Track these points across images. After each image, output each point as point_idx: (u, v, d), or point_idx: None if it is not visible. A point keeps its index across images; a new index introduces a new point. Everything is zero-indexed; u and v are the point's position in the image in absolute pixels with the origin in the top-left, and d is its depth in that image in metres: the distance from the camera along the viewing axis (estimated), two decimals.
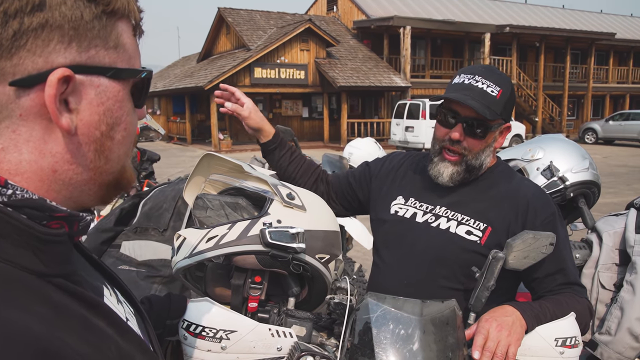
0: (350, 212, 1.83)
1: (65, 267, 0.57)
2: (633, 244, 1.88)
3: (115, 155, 0.62)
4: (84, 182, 0.60)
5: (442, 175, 1.52)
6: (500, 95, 1.45)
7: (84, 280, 0.61)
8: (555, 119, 27.28)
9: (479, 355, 1.22)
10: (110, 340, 0.57)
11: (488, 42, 23.68)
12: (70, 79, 0.54)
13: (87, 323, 0.55)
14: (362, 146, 4.47)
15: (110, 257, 1.96)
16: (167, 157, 14.89)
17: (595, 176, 2.15)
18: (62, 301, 0.54)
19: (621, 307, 1.85)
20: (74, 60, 0.55)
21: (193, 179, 1.41)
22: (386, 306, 1.19)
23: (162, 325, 1.14)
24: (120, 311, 0.66)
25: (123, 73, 0.60)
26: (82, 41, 0.56)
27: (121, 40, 0.60)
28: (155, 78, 31.37)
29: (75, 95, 0.56)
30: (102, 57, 0.58)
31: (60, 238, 0.56)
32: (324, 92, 22.81)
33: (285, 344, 1.16)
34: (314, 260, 1.22)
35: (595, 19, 35.01)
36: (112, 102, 0.60)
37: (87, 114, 0.58)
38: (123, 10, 0.59)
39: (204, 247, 1.17)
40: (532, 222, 1.48)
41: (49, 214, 0.56)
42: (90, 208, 0.65)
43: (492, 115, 1.44)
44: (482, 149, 1.50)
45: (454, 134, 1.47)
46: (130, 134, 0.64)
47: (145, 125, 3.85)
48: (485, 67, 1.53)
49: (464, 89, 1.46)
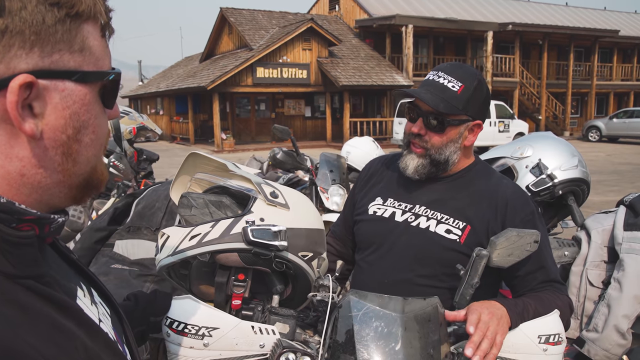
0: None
1: (35, 268, 0.58)
2: (621, 242, 1.88)
3: (84, 158, 0.62)
4: (53, 185, 0.60)
5: (408, 167, 1.56)
6: (462, 90, 1.48)
7: (56, 282, 0.61)
8: (558, 117, 27.18)
9: (474, 330, 1.21)
10: (78, 341, 0.58)
11: (491, 40, 23.61)
12: (33, 85, 0.54)
13: (55, 324, 0.56)
14: (360, 145, 4.48)
15: (103, 256, 1.99)
16: (169, 157, 14.93)
17: (585, 174, 2.15)
18: (29, 302, 0.55)
19: (608, 305, 1.85)
20: (36, 66, 0.55)
21: (179, 178, 1.42)
22: (368, 304, 1.20)
23: (147, 322, 1.15)
24: (94, 312, 0.67)
25: (89, 76, 0.60)
26: (44, 46, 0.55)
27: (87, 42, 0.60)
28: (158, 78, 31.47)
29: (39, 100, 0.56)
30: (66, 61, 0.58)
31: (29, 240, 0.57)
32: (326, 91, 22.81)
33: (268, 341, 1.17)
34: (296, 258, 1.23)
35: (598, 16, 34.84)
36: (78, 106, 0.59)
37: (53, 118, 0.57)
38: (88, 12, 0.59)
39: (187, 245, 1.18)
40: (511, 220, 1.49)
41: (18, 216, 0.56)
42: (63, 209, 0.66)
43: (449, 109, 1.47)
44: (445, 143, 1.52)
45: (414, 127, 1.53)
46: (100, 136, 0.64)
47: (142, 125, 3.87)
48: (454, 64, 1.56)
49: (427, 85, 1.52)
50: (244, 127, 24.71)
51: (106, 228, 2.04)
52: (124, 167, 3.21)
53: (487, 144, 15.73)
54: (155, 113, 28.50)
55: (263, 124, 24.40)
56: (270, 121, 23.85)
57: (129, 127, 3.78)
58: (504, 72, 25.36)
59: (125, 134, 3.71)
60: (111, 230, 2.04)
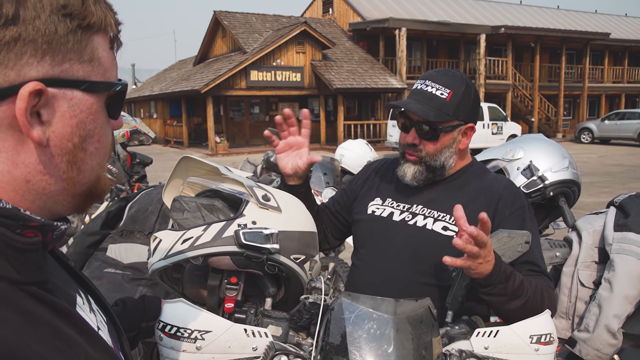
0: (344, 238, 1.87)
1: (39, 275, 0.58)
2: (611, 242, 1.90)
3: (88, 167, 0.63)
4: (57, 193, 0.61)
5: (406, 175, 1.58)
6: (451, 96, 1.50)
7: (58, 289, 0.62)
8: (551, 119, 27.35)
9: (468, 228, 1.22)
10: (79, 349, 0.58)
11: (483, 43, 23.72)
12: (42, 92, 0.55)
13: (57, 331, 0.56)
14: (354, 148, 4.49)
15: (96, 260, 1.98)
16: (163, 160, 14.88)
17: (575, 175, 2.17)
18: (33, 309, 0.55)
19: (599, 305, 1.87)
20: (46, 74, 0.56)
21: (171, 182, 1.43)
22: (360, 305, 1.20)
23: (137, 327, 1.16)
24: (92, 320, 0.67)
25: (97, 86, 0.61)
26: (55, 55, 0.56)
27: (96, 54, 0.61)
28: (151, 82, 31.40)
29: (47, 108, 0.57)
30: (76, 70, 0.59)
31: (34, 247, 0.57)
32: (320, 94, 22.83)
33: (260, 343, 1.17)
34: (288, 261, 1.23)
35: (590, 19, 35.11)
36: (85, 115, 0.60)
37: (60, 126, 0.58)
38: (99, 24, 0.60)
39: (179, 249, 1.19)
40: (501, 212, 1.51)
41: (23, 223, 0.57)
42: (65, 216, 0.66)
43: (439, 117, 1.49)
44: (439, 150, 1.55)
45: (408, 138, 1.56)
46: (104, 146, 0.65)
47: (135, 128, 3.87)
48: (440, 70, 1.58)
49: (416, 94, 1.54)
50: (237, 130, 24.69)
51: (99, 232, 2.03)
52: (117, 170, 3.20)
53: (480, 146, 15.78)
54: (149, 116, 28.41)
55: (257, 127, 24.38)
56: (264, 124, 23.84)
57: (122, 131, 3.78)
58: (496, 75, 25.49)
59: (118, 138, 3.71)
60: (104, 234, 2.03)
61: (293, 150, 1.58)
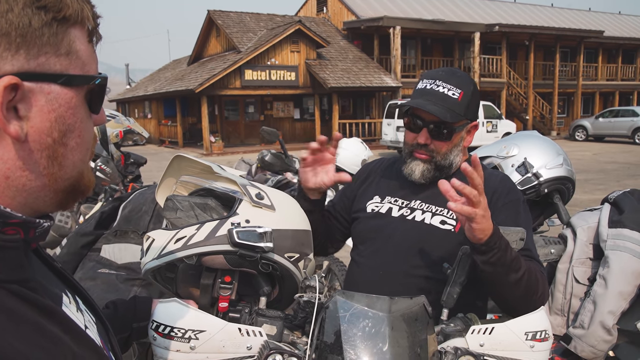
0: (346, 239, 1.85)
1: (20, 273, 0.57)
2: (606, 239, 1.90)
3: (70, 162, 0.62)
4: (38, 189, 0.60)
5: (414, 172, 1.58)
6: (462, 97, 1.51)
7: (42, 287, 0.61)
8: (545, 116, 27.44)
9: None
10: (65, 347, 0.57)
11: (478, 41, 23.78)
12: (18, 87, 0.54)
13: (40, 329, 0.56)
14: (349, 146, 4.48)
15: (90, 261, 1.97)
16: (158, 160, 14.82)
17: (570, 172, 2.17)
18: (15, 307, 0.54)
19: (594, 301, 1.87)
20: (22, 68, 0.55)
21: (164, 181, 1.42)
22: (355, 303, 1.19)
23: (129, 328, 1.15)
24: (80, 319, 0.66)
25: (75, 80, 0.60)
26: (30, 48, 0.55)
27: (74, 47, 0.60)
28: (145, 81, 31.28)
29: (24, 103, 0.56)
30: (52, 64, 0.58)
31: (14, 244, 0.56)
32: (315, 93, 22.83)
33: (255, 343, 1.17)
34: (282, 259, 1.23)
35: (583, 17, 35.26)
36: (64, 109, 0.59)
37: (38, 121, 0.57)
38: (75, 17, 0.59)
39: (172, 248, 1.18)
40: (495, 203, 1.52)
41: (3, 220, 0.56)
42: (48, 214, 0.65)
43: (455, 118, 1.50)
44: (450, 149, 1.56)
45: (420, 138, 1.54)
46: (86, 141, 0.64)
47: (129, 128, 3.86)
48: (446, 70, 1.58)
49: (426, 94, 1.52)
50: (232, 129, 24.65)
51: (93, 232, 2.02)
52: (111, 170, 3.19)
53: (475, 144, 15.76)
54: (143, 117, 28.33)
55: (252, 127, 24.35)
56: (259, 124, 23.80)
57: (116, 131, 3.77)
58: (491, 73, 25.55)
59: (111, 138, 3.70)
60: (98, 234, 2.02)
61: (319, 165, 1.57)
